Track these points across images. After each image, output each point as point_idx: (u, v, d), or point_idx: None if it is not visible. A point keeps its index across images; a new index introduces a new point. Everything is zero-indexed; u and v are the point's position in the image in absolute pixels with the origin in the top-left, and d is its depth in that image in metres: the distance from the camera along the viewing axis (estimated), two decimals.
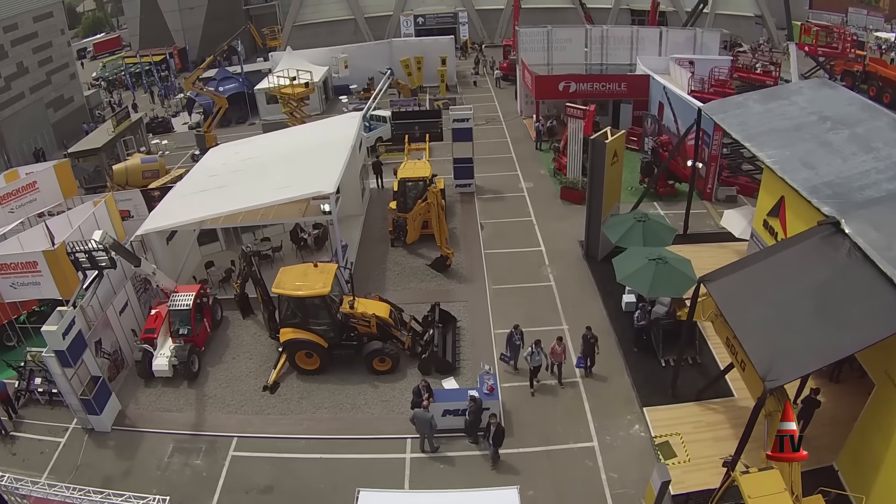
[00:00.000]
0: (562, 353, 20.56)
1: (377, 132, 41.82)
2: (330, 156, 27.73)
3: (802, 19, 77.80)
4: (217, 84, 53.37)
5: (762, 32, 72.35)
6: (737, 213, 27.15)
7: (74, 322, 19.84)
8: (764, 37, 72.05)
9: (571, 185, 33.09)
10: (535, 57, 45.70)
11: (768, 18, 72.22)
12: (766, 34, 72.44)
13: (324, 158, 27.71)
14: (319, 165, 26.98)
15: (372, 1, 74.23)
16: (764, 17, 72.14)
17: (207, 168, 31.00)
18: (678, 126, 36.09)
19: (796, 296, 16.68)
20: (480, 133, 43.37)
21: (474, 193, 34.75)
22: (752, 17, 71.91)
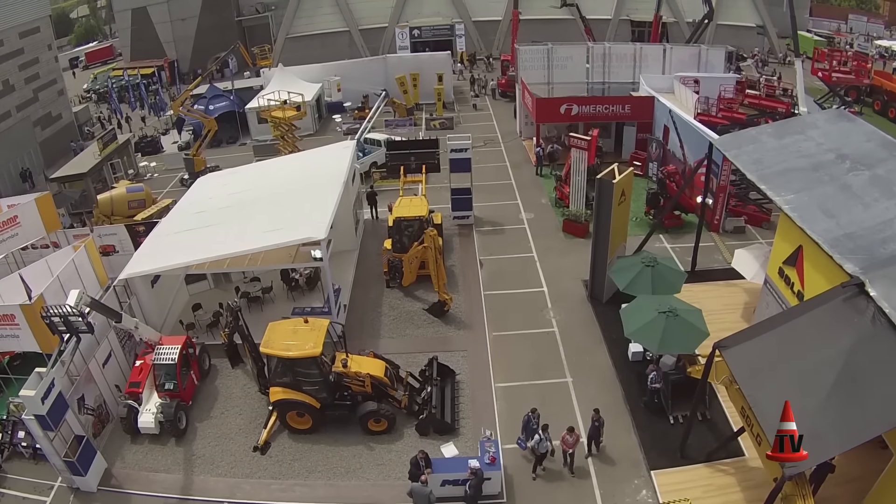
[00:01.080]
0: (574, 443, 19.54)
1: (372, 157, 40.98)
2: (321, 194, 26.93)
3: (802, 28, 77.59)
4: (207, 102, 52.51)
5: (764, 43, 71.68)
6: (748, 254, 26.25)
7: (54, 384, 19.03)
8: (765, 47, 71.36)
9: (574, 219, 32.25)
10: (536, 76, 44.88)
11: (770, 28, 71.70)
12: (768, 44, 71.77)
13: (315, 196, 26.90)
14: (310, 205, 26.16)
15: (366, 12, 73.32)
16: (765, 28, 71.52)
17: (194, 202, 30.09)
18: (684, 152, 35.32)
19: (817, 367, 15.89)
20: (478, 156, 42.58)
21: (473, 226, 33.87)
22: (753, 28, 71.33)
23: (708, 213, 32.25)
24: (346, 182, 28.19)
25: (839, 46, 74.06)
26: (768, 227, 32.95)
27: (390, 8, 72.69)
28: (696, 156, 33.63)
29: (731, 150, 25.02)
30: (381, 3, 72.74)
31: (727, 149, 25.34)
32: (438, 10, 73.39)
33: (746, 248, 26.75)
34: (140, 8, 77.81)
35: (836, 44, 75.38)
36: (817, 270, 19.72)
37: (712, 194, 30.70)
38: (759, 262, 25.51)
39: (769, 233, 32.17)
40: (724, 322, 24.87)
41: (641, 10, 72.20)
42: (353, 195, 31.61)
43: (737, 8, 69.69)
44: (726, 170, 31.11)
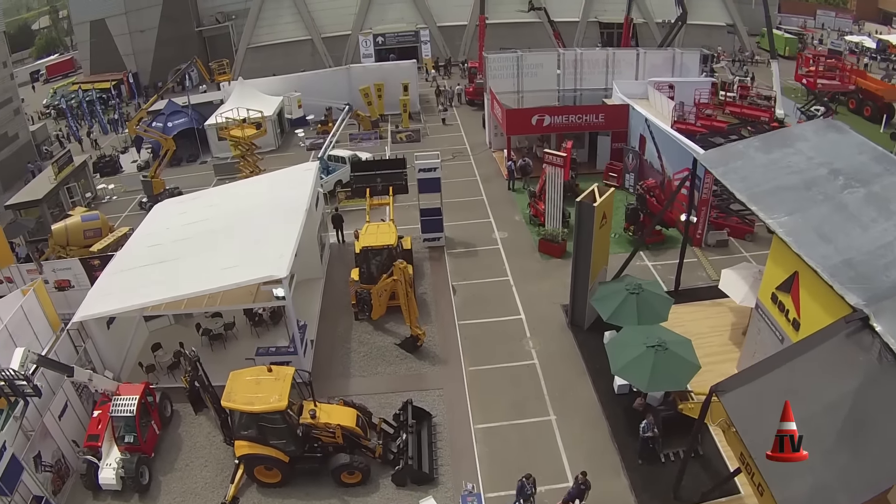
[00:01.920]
0: None
1: (336, 175, 39.51)
2: (282, 224, 25.56)
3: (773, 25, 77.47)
4: (166, 119, 50.60)
5: (734, 41, 71.45)
6: (736, 274, 25.19)
7: (5, 447, 17.91)
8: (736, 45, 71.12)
9: (550, 238, 31.10)
10: (505, 84, 43.68)
11: (740, 27, 71.48)
12: (739, 42, 71.53)
13: (275, 227, 25.53)
14: (270, 238, 24.79)
15: (329, 20, 71.77)
16: (736, 26, 71.19)
17: (149, 234, 28.61)
18: (662, 163, 34.39)
19: (821, 412, 14.90)
20: (448, 170, 41.09)
21: (444, 248, 32.53)
22: (724, 27, 70.98)
23: (690, 228, 31.26)
24: (308, 209, 26.74)
25: (809, 43, 74.26)
26: (751, 238, 32.24)
27: (353, 15, 71.20)
28: (675, 167, 32.74)
29: (718, 168, 23.94)
30: (343, 10, 71.19)
31: (714, 166, 24.27)
32: (402, 16, 71.98)
33: (733, 269, 25.68)
34: (98, 20, 75.51)
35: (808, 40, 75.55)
36: (814, 299, 18.67)
37: (695, 210, 29.63)
38: (748, 283, 24.47)
39: (753, 245, 31.57)
40: (712, 346, 24.17)
41: (610, 11, 71.64)
42: (317, 220, 30.15)
43: (707, 7, 69.27)
44: (708, 183, 30.17)
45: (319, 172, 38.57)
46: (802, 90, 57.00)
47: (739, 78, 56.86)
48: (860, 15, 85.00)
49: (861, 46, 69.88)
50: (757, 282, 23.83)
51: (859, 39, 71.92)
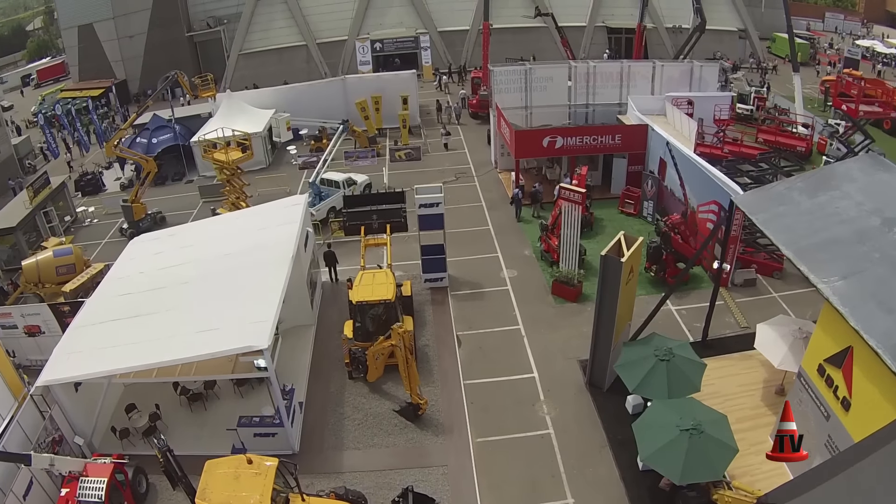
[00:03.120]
0: None
1: (330, 201, 36.82)
2: (265, 276, 22.91)
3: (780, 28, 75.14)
4: (150, 134, 47.85)
5: (745, 47, 68.94)
6: (772, 332, 22.47)
7: None
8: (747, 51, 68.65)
9: (566, 281, 28.37)
10: (512, 99, 40.82)
11: (752, 32, 68.91)
12: (750, 48, 69.04)
13: (258, 280, 22.90)
14: (252, 293, 22.15)
15: (324, 25, 68.99)
16: (748, 31, 68.65)
17: (122, 279, 26.00)
18: (685, 191, 31.70)
19: None
20: (450, 193, 38.49)
21: (447, 288, 29.78)
22: (735, 32, 68.39)
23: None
24: (294, 255, 24.01)
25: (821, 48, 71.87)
26: (780, 276, 29.70)
27: (349, 20, 68.38)
28: (700, 198, 30.12)
29: (759, 214, 21.24)
30: (339, 14, 68.38)
31: (754, 211, 21.54)
32: (401, 21, 69.20)
33: (770, 324, 22.96)
34: (87, 25, 73.27)
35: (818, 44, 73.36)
36: (871, 381, 16.07)
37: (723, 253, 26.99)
38: (787, 342, 21.78)
39: (782, 284, 29.13)
40: (744, 409, 21.87)
41: (617, 16, 69.10)
42: (307, 260, 27.46)
43: (718, 12, 66.45)
44: (739, 218, 27.42)
45: (312, 198, 36.37)
46: (819, 99, 54.54)
47: (755, 89, 54.35)
48: (868, 17, 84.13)
49: (872, 51, 67.31)
50: (797, 341, 21.36)
51: (870, 44, 69.44)
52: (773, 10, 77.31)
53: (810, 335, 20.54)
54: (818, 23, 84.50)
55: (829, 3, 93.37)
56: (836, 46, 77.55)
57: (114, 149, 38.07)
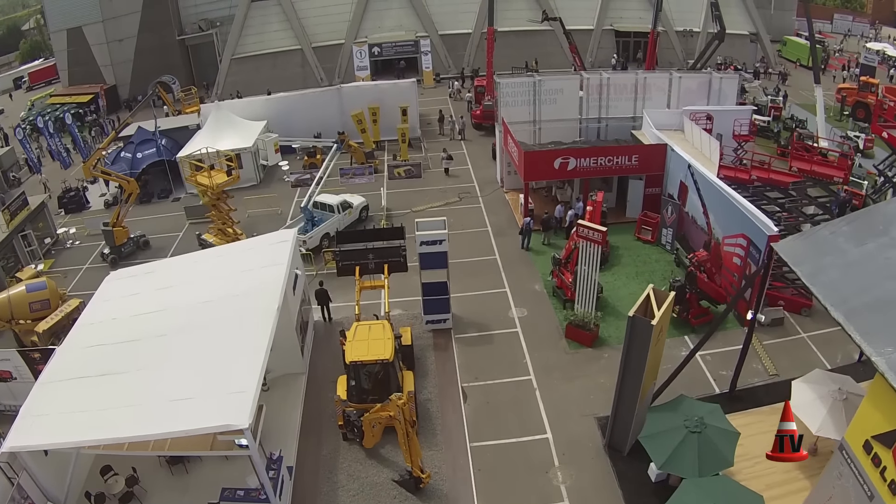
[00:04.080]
0: None
1: (324, 227, 34.32)
2: (247, 332, 20.47)
3: (789, 31, 73.29)
4: (135, 148, 45.28)
5: (756, 51, 66.58)
6: (810, 392, 20.01)
7: None
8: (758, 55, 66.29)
9: (581, 325, 25.90)
10: (519, 113, 38.18)
11: (763, 35, 66.57)
12: (761, 52, 66.70)
13: (239, 337, 20.48)
14: (232, 354, 19.75)
15: (320, 28, 66.40)
16: (759, 35, 66.25)
17: (95, 325, 23.54)
18: (708, 220, 29.27)
19: None
20: (453, 216, 36.24)
21: (451, 330, 27.29)
22: (746, 36, 66.01)
23: (741, 304, 26.27)
24: (280, 307, 21.54)
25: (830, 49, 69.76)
26: (808, 313, 27.33)
27: (346, 22, 65.79)
28: (725, 229, 27.67)
29: (803, 266, 18.77)
30: (336, 16, 65.81)
31: (797, 262, 19.09)
32: (401, 23, 66.59)
33: (807, 381, 20.50)
34: (76, 28, 70.65)
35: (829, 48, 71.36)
36: None
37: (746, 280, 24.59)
38: (826, 404, 19.38)
39: (810, 323, 26.84)
40: (775, 473, 19.46)
41: (626, 18, 66.77)
42: (296, 305, 24.94)
43: (728, 15, 63.31)
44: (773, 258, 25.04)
45: (304, 223, 34.00)
46: (835, 108, 52.21)
47: (772, 98, 51.96)
48: (875, 18, 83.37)
49: (883, 55, 64.97)
50: (836, 403, 19.05)
51: (881, 47, 67.11)
52: (783, 12, 75.38)
53: (850, 397, 18.93)
54: (826, 24, 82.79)
55: (837, 4, 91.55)
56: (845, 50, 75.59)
57: (92, 169, 35.55)
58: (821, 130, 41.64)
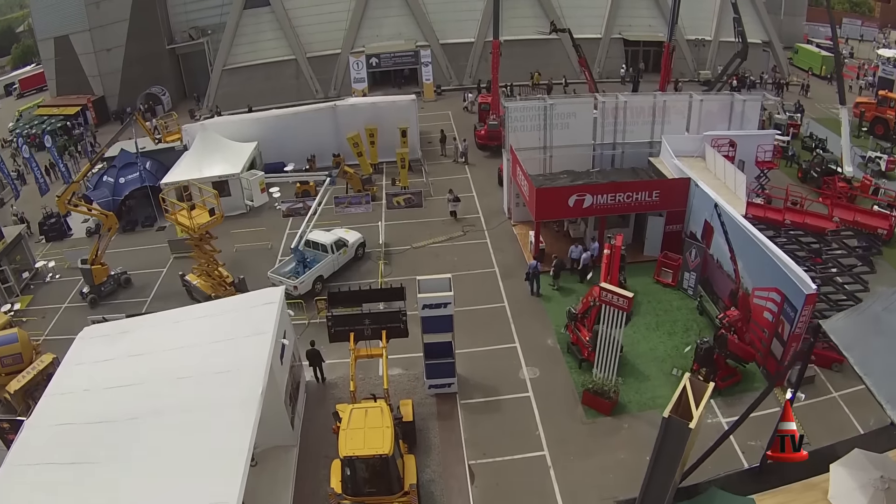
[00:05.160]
0: None
1: (316, 270, 31.96)
2: (228, 430, 18.09)
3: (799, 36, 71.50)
4: (117, 173, 43.02)
5: (769, 59, 64.43)
6: (848, 478, 17.47)
7: None
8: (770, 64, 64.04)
9: (600, 393, 23.59)
10: (529, 138, 35.75)
11: (776, 44, 64.63)
12: (773, 61, 64.62)
13: (219, 434, 18.12)
14: (211, 452, 17.48)
15: (316, 37, 63.91)
16: (772, 43, 63.95)
17: (65, 395, 21.40)
18: (736, 267, 26.97)
19: None
20: (456, 254, 34.17)
21: (457, 395, 24.99)
22: (759, 45, 63.78)
23: (770, 362, 24.09)
24: (266, 385, 19.27)
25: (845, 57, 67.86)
26: (839, 368, 25.08)
27: (343, 31, 63.26)
28: (756, 280, 25.48)
29: (854, 351, 16.36)
30: (331, 24, 63.29)
31: (847, 345, 16.54)
32: (400, 32, 64.08)
33: (845, 466, 18.05)
34: (62, 36, 67.80)
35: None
36: None
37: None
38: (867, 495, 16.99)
39: (841, 379, 24.76)
40: None
41: (635, 26, 64.42)
42: (284, 375, 22.64)
43: None
44: (805, 316, 22.84)
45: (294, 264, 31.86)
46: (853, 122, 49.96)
47: (790, 114, 49.71)
48: (884, 22, 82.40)
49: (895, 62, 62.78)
50: (877, 493, 16.51)
51: (892, 54, 64.94)
52: (793, 18, 73.47)
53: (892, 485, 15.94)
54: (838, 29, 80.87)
55: (846, 8, 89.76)
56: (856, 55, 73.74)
57: (67, 203, 33.25)
58: (845, 157, 39.44)
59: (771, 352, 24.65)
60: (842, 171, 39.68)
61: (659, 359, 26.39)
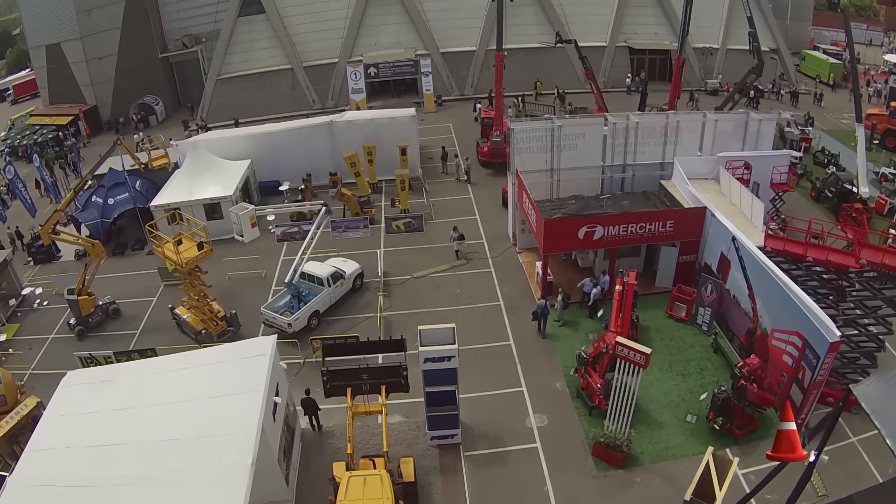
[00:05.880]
0: None
1: (311, 305, 30.72)
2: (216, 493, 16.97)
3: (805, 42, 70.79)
4: (107, 193, 41.79)
5: (776, 67, 63.37)
6: None
7: None
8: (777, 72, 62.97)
9: (612, 446, 22.46)
10: (535, 160, 34.56)
11: (784, 52, 63.77)
12: (781, 69, 63.63)
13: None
14: None
15: (312, 46, 62.78)
16: (780, 51, 62.91)
17: (47, 451, 20.40)
18: (754, 305, 25.86)
19: None
20: (459, 284, 33.03)
21: (460, 446, 23.84)
22: (767, 52, 62.67)
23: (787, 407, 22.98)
24: (255, 460, 18.12)
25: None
26: (857, 411, 23.76)
27: (340, 39, 62.07)
28: (776, 321, 24.42)
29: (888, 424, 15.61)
30: (328, 32, 62.12)
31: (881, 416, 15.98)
32: (399, 40, 62.91)
33: None
34: (54, 44, 67.06)
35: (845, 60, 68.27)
36: None
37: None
38: None
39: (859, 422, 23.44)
40: None
41: (641, 34, 63.37)
42: (277, 432, 21.47)
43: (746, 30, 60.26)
44: (828, 363, 21.74)
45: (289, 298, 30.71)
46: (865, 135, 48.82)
47: (801, 128, 48.60)
48: (889, 26, 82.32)
49: None
50: None
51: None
52: (798, 22, 72.60)
53: None
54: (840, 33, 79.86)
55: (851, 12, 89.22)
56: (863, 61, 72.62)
57: (49, 234, 32.18)
58: (861, 177, 38.34)
59: (790, 397, 23.52)
60: (857, 190, 38.53)
61: (673, 404, 25.27)
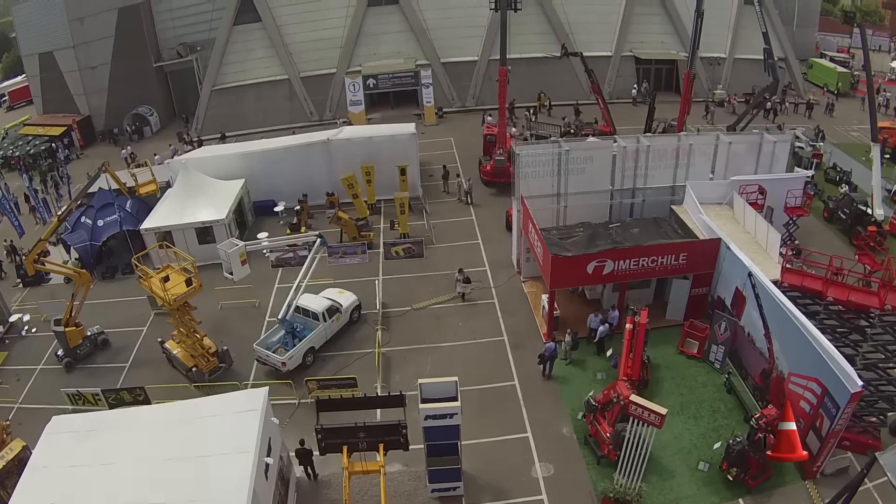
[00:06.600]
0: None
1: (306, 342, 29.68)
2: None
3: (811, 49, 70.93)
4: (95, 214, 40.76)
5: (783, 76, 62.46)
6: None
7: None
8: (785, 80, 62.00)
9: (622, 501, 21.58)
10: (541, 185, 33.38)
11: (791, 60, 63.41)
12: (788, 78, 62.98)
13: None
14: None
15: (309, 56, 61.66)
16: (787, 60, 62.15)
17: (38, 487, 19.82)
18: (770, 346, 24.93)
19: None
20: (461, 317, 32.05)
21: (462, 499, 22.92)
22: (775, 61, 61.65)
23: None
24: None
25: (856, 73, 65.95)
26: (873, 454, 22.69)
27: (338, 48, 60.90)
28: (793, 364, 23.53)
29: None
30: (326, 42, 60.90)
31: None
32: (399, 50, 61.81)
33: None
34: (47, 53, 66.04)
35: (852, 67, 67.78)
36: None
37: None
38: None
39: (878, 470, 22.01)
40: None
41: (647, 44, 62.40)
42: (270, 490, 20.47)
43: (754, 38, 58.75)
44: (848, 413, 20.81)
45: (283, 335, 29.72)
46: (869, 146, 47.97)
47: (812, 144, 47.69)
48: (895, 30, 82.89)
49: None
50: None
51: None
52: (805, 29, 71.86)
53: None
54: (846, 38, 79.84)
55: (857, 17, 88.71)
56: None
57: (34, 264, 31.32)
58: (876, 198, 37.45)
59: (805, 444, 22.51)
60: (871, 212, 37.63)
61: (684, 450, 24.35)
